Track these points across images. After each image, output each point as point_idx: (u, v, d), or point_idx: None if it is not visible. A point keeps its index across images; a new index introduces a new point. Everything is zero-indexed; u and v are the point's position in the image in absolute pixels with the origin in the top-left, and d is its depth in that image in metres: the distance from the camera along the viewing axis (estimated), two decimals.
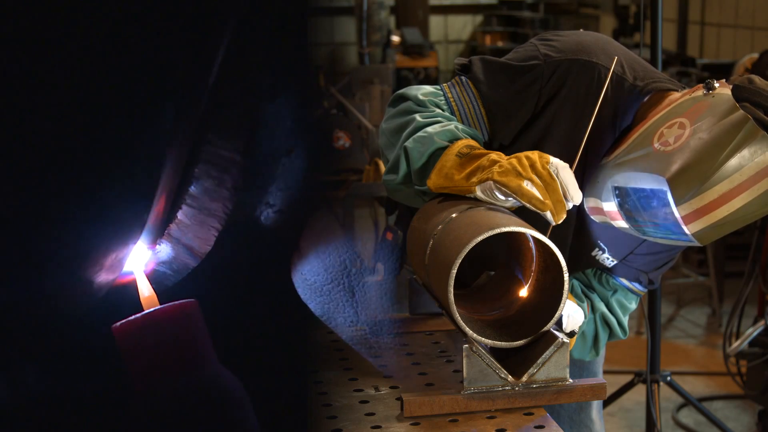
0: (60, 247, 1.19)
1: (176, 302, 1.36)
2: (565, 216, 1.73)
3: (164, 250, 1.42)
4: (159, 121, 1.24)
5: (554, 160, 1.75)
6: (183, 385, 1.32)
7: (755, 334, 3.95)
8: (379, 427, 1.63)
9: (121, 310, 1.34)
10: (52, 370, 1.26)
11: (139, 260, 1.41)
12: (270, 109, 1.39)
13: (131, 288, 1.40)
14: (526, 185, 1.72)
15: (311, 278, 2.00)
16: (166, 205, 1.38)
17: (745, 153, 1.71)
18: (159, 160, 1.27)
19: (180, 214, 1.40)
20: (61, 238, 1.19)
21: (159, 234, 1.41)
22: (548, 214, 1.72)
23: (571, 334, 1.90)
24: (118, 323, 1.33)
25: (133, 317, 1.33)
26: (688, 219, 1.75)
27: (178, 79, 1.24)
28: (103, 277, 1.30)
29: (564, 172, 1.74)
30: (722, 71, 6.39)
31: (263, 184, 1.43)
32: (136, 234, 1.34)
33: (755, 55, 5.98)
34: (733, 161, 1.72)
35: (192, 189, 1.39)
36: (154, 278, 1.43)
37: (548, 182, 1.72)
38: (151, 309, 1.35)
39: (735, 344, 3.96)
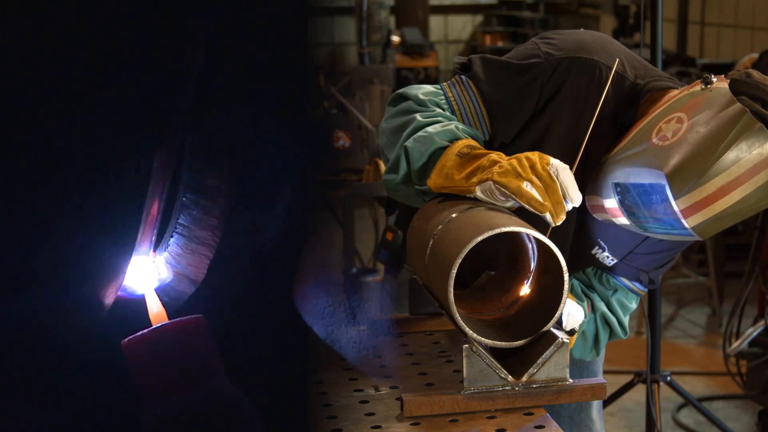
0: (62, 265, 1.19)
1: (184, 317, 1.36)
2: (564, 218, 1.73)
3: (162, 277, 1.43)
4: (143, 144, 1.24)
5: (554, 162, 1.75)
6: (191, 400, 1.32)
7: (755, 334, 3.95)
8: (379, 427, 1.63)
9: (130, 328, 1.35)
10: (60, 390, 1.25)
11: (147, 277, 1.41)
12: (254, 136, 1.38)
13: (138, 306, 1.40)
14: (526, 186, 1.72)
15: (313, 301, 2.01)
16: (154, 229, 1.39)
17: (742, 145, 1.71)
18: (144, 182, 1.26)
19: (172, 243, 1.41)
20: (62, 256, 1.19)
21: (150, 255, 1.42)
22: (547, 216, 1.72)
23: (571, 333, 1.90)
24: (127, 338, 1.34)
25: (141, 332, 1.34)
26: (687, 212, 1.75)
27: (158, 102, 1.24)
28: (107, 295, 1.30)
29: (564, 173, 1.74)
30: (722, 71, 6.33)
31: (253, 211, 1.43)
32: (133, 253, 1.34)
33: (755, 55, 5.98)
34: (731, 154, 1.71)
35: (182, 218, 1.40)
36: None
37: (548, 184, 1.72)
38: (160, 324, 1.36)
39: (735, 344, 3.96)
